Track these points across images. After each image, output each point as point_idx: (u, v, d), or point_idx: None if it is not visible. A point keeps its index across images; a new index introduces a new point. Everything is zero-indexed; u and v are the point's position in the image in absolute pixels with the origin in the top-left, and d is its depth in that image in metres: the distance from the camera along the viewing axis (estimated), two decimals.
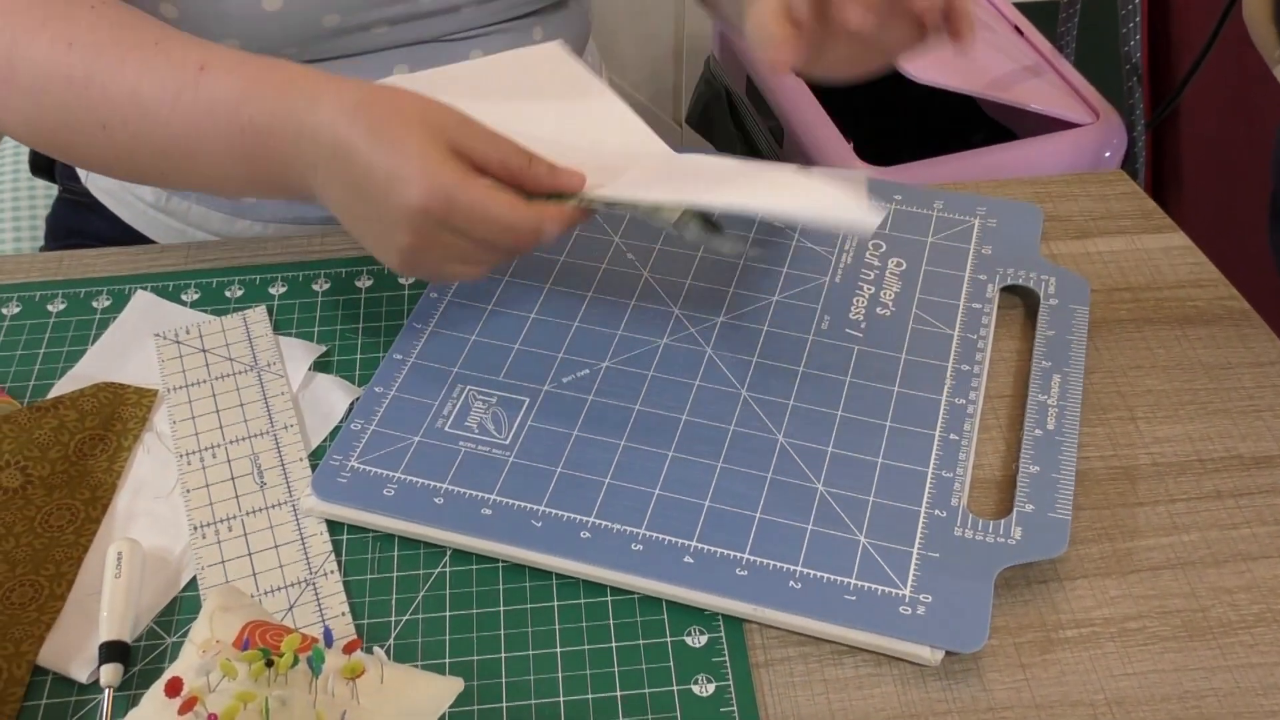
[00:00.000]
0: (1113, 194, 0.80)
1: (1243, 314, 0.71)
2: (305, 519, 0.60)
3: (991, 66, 1.32)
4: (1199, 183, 1.46)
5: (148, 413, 0.65)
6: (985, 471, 0.63)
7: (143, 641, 0.56)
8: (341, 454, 0.62)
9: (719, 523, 0.58)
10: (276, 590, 0.57)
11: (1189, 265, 0.74)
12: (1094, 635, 0.56)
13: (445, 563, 0.59)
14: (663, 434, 0.63)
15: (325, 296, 0.73)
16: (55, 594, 0.57)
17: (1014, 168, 1.23)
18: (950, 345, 0.67)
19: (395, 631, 0.56)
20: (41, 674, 0.55)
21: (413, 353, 0.67)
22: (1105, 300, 0.72)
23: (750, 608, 0.56)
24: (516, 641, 0.56)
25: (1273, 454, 0.64)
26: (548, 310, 0.70)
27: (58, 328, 0.71)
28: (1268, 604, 0.57)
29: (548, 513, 0.59)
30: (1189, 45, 1.42)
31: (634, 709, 0.53)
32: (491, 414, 0.64)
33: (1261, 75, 1.27)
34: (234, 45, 0.68)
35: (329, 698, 0.47)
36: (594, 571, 0.57)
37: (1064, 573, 0.58)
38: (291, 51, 0.73)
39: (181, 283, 0.74)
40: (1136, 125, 1.37)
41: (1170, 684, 0.54)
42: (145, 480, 0.63)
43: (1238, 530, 0.60)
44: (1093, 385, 0.67)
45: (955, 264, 0.72)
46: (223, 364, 0.68)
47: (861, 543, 0.58)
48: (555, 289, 0.71)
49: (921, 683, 0.54)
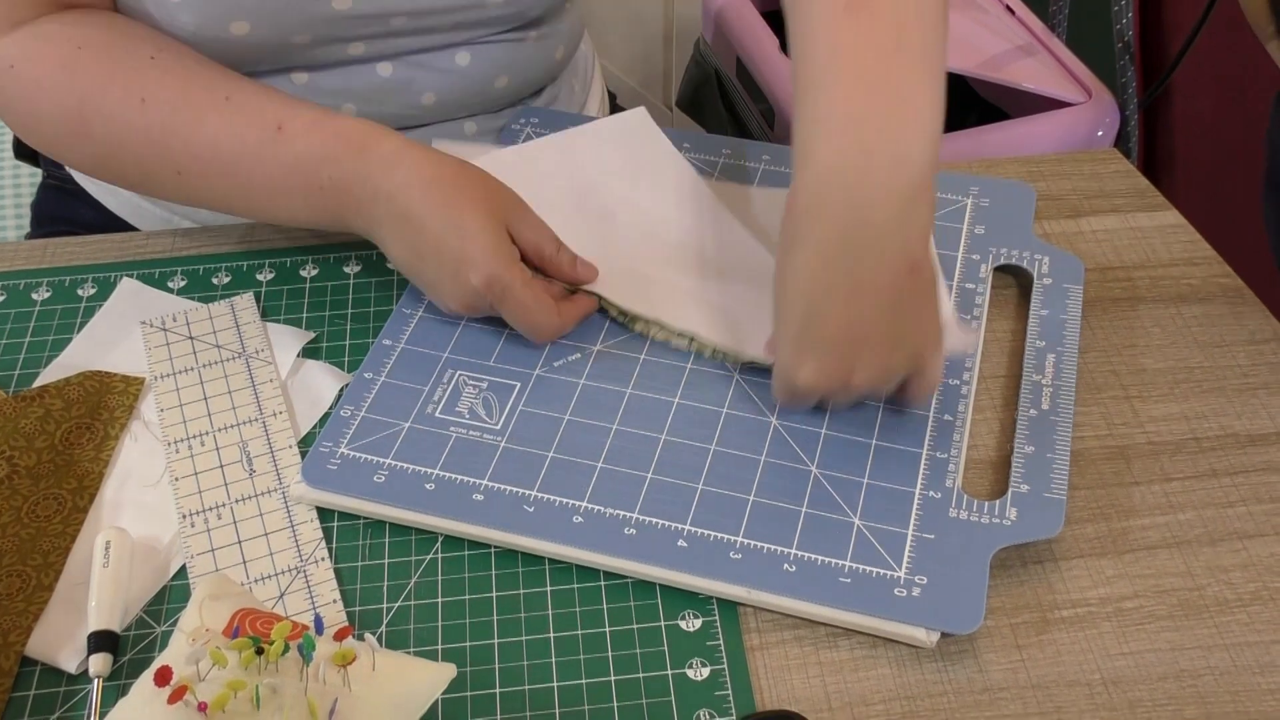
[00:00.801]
0: (1106, 173, 0.80)
1: (1237, 292, 0.71)
2: (295, 506, 0.60)
3: (984, 46, 1.31)
4: (1191, 162, 1.46)
5: (135, 401, 0.65)
6: (980, 452, 0.62)
7: (132, 631, 0.55)
8: (331, 441, 0.61)
9: (712, 506, 0.58)
10: (266, 578, 0.57)
11: (1183, 243, 0.74)
12: (1090, 615, 0.55)
13: (437, 549, 0.58)
14: (655, 417, 0.62)
15: (314, 282, 0.72)
16: (43, 584, 0.56)
17: (1006, 147, 1.22)
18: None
19: (387, 618, 0.56)
20: (30, 665, 0.54)
21: (402, 338, 0.67)
22: (1099, 279, 0.72)
23: (744, 591, 0.55)
24: (509, 627, 0.55)
25: (1268, 432, 0.63)
26: None
27: (43, 316, 0.70)
28: (1264, 582, 0.57)
29: (540, 498, 0.58)
30: (1181, 23, 1.41)
31: (628, 693, 0.53)
32: (482, 399, 0.63)
33: (1254, 53, 1.27)
34: (192, 45, 0.69)
35: (320, 685, 0.47)
36: (587, 556, 0.57)
37: (1059, 553, 0.58)
38: (264, 67, 0.72)
39: (168, 270, 0.73)
40: (1129, 104, 1.36)
41: (1167, 663, 0.54)
42: (133, 469, 0.62)
43: (1233, 509, 0.60)
44: (1088, 365, 0.67)
45: (948, 244, 0.72)
46: (210, 351, 0.67)
47: (856, 525, 0.57)
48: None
49: (917, 664, 0.54)
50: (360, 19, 0.71)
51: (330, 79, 0.75)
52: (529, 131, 0.80)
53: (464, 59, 0.77)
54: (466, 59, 0.77)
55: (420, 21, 0.73)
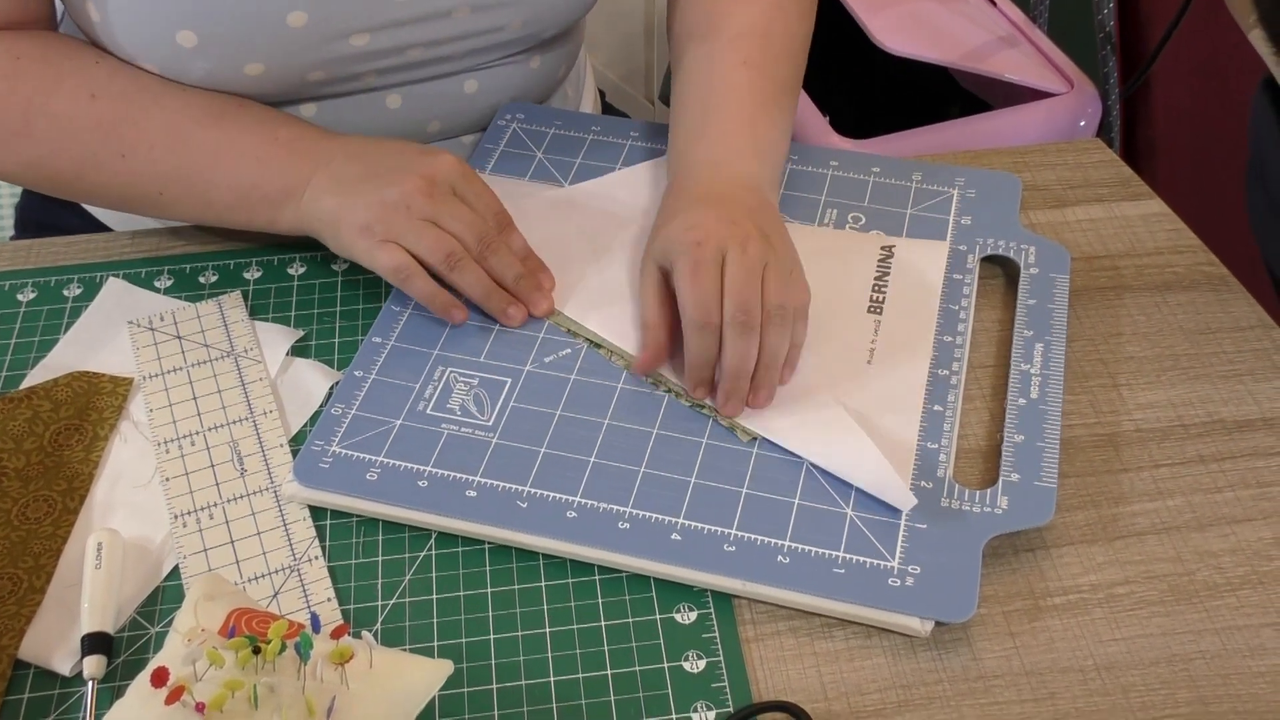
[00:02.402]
0: (1090, 162, 0.80)
1: (1221, 279, 0.72)
2: (287, 505, 0.60)
3: (965, 37, 1.32)
4: (1171, 151, 1.47)
5: (124, 401, 0.65)
6: (970, 441, 0.63)
7: (126, 632, 0.55)
8: (323, 439, 0.61)
9: (706, 499, 0.58)
10: (260, 577, 0.57)
11: (1167, 232, 0.75)
12: (1082, 602, 0.56)
13: (431, 546, 0.58)
14: (647, 411, 0.62)
15: (301, 280, 0.72)
16: (35, 587, 0.56)
17: (990, 138, 1.23)
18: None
19: (382, 616, 0.56)
20: (23, 668, 0.54)
21: (392, 335, 0.66)
22: (1085, 268, 0.72)
23: (739, 583, 0.56)
24: (505, 623, 0.55)
25: (1253, 418, 0.64)
26: None
27: (28, 317, 0.70)
28: (1252, 566, 0.57)
29: (533, 493, 0.58)
30: (1161, 13, 1.42)
31: (624, 687, 0.53)
32: (473, 395, 0.63)
33: (1234, 43, 1.27)
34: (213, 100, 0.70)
35: (318, 683, 0.47)
36: (581, 551, 0.57)
37: (1051, 540, 0.58)
38: (278, 99, 0.72)
39: (154, 269, 0.72)
40: (1111, 94, 1.37)
41: (1158, 648, 0.54)
42: (123, 470, 0.62)
43: (1221, 494, 0.60)
44: (1075, 353, 0.67)
45: (935, 235, 0.72)
46: (199, 350, 0.67)
47: (849, 515, 0.58)
48: None
49: (912, 653, 0.54)
50: (376, 54, 0.71)
51: (337, 110, 0.74)
52: (515, 128, 0.80)
53: (472, 86, 0.77)
54: (474, 86, 0.77)
55: (436, 51, 0.73)
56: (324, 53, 0.69)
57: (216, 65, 0.68)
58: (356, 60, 0.71)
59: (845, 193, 0.75)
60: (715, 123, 0.71)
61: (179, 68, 0.68)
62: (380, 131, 0.76)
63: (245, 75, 0.69)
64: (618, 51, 1.92)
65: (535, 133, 0.79)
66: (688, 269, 0.61)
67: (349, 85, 0.73)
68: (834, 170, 0.77)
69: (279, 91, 0.71)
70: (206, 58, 0.67)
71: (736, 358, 0.60)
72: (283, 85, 0.70)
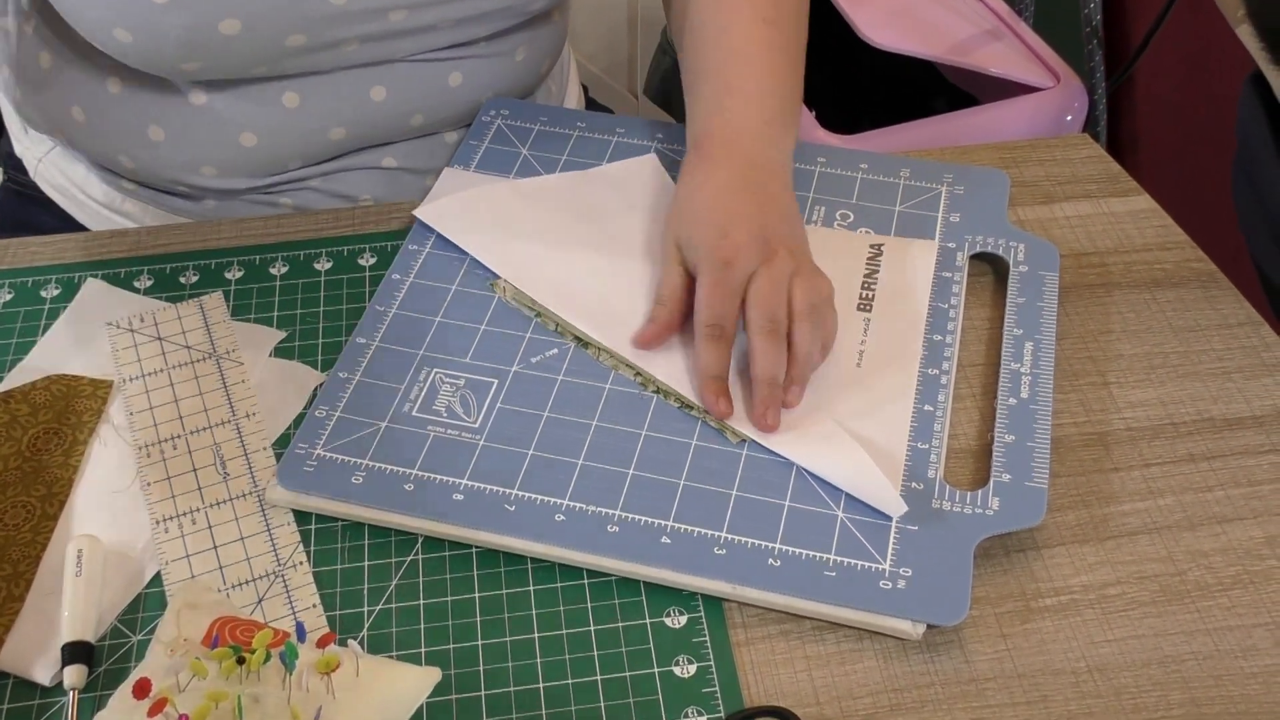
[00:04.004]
0: (1077, 158, 0.80)
1: (1210, 276, 0.71)
2: (271, 510, 0.59)
3: (951, 31, 1.31)
4: (1157, 146, 1.47)
5: (103, 404, 0.64)
6: (961, 441, 0.62)
7: (107, 641, 0.54)
8: (307, 442, 0.60)
9: (695, 502, 0.58)
10: (244, 584, 0.56)
11: (1155, 228, 0.74)
12: (1073, 603, 0.56)
13: (417, 550, 0.58)
14: (635, 413, 0.62)
15: (283, 280, 0.71)
16: (13, 595, 0.55)
17: (976, 133, 1.23)
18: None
19: (369, 622, 0.55)
20: (2, 678, 0.53)
21: (376, 336, 0.66)
22: (1074, 265, 0.72)
23: (729, 587, 0.55)
24: (493, 628, 0.55)
25: (1243, 416, 0.64)
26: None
27: (5, 319, 0.69)
28: (1244, 566, 0.57)
29: (521, 496, 0.58)
30: (1147, 7, 1.42)
31: (615, 693, 0.52)
32: (460, 396, 0.63)
33: (1221, 37, 1.27)
34: (196, 68, 0.68)
35: (304, 694, 0.46)
36: (570, 555, 0.56)
37: (1042, 541, 0.58)
38: (261, 70, 0.71)
39: (133, 269, 0.71)
40: (1097, 88, 1.37)
41: (1150, 649, 0.54)
42: (103, 474, 0.61)
43: (1212, 493, 0.60)
44: (1064, 351, 0.67)
45: (924, 232, 0.72)
46: (180, 352, 0.66)
47: (840, 518, 0.57)
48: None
49: (904, 656, 0.54)
50: (358, 15, 0.69)
51: (321, 98, 0.73)
52: (500, 124, 0.79)
53: (456, 79, 0.76)
54: (459, 79, 0.76)
55: (419, 18, 0.71)
56: (301, 9, 0.67)
57: (194, 20, 0.65)
58: (337, 22, 0.69)
59: (833, 190, 0.75)
60: (738, 86, 0.69)
61: (154, 20, 0.65)
62: (365, 124, 0.75)
63: (221, 34, 0.66)
64: (601, 44, 1.91)
65: (520, 129, 0.78)
66: (710, 279, 0.62)
67: (331, 57, 0.71)
68: (821, 167, 0.76)
69: (258, 59, 0.69)
70: (182, 8, 0.65)
71: (768, 364, 0.60)
72: (261, 51, 0.68)
